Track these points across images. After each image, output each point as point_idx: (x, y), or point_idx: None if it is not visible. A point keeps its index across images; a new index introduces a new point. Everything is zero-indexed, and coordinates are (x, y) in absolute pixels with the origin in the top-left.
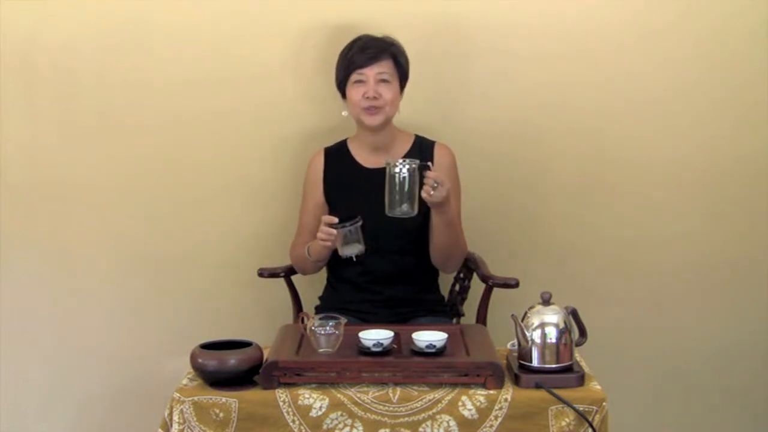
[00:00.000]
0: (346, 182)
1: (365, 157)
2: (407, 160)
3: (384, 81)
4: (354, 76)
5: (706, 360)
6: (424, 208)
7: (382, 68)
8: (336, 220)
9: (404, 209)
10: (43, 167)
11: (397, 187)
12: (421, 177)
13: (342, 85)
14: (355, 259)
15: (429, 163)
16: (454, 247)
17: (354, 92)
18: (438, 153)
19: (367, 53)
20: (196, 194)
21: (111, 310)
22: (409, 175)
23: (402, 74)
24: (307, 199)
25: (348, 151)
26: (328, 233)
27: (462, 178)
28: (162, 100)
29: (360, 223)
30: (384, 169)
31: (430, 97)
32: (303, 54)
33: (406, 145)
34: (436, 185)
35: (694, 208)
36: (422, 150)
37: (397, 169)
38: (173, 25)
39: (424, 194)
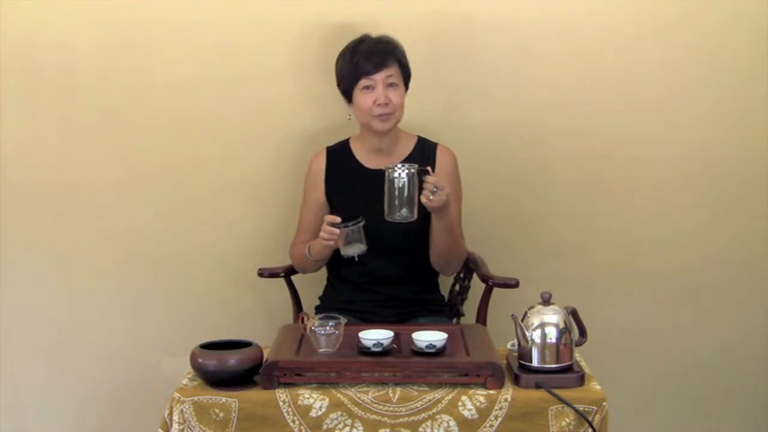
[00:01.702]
0: (348, 182)
1: (367, 158)
2: (406, 165)
3: (392, 85)
4: (362, 82)
5: (706, 360)
6: (425, 210)
7: (390, 72)
8: (339, 219)
9: (404, 214)
10: (43, 167)
11: (396, 192)
12: (421, 181)
13: (348, 90)
14: (357, 259)
15: (428, 168)
16: (453, 251)
17: (363, 99)
18: (440, 156)
19: (374, 59)
20: (196, 194)
21: (111, 310)
22: (408, 180)
23: (406, 76)
24: (308, 198)
25: (350, 151)
26: (330, 232)
27: (463, 177)
28: (162, 100)
29: (362, 223)
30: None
31: (432, 97)
32: (304, 54)
33: (409, 147)
34: (435, 190)
35: (694, 208)
36: (424, 152)
37: (396, 174)
38: (173, 25)
39: (423, 199)
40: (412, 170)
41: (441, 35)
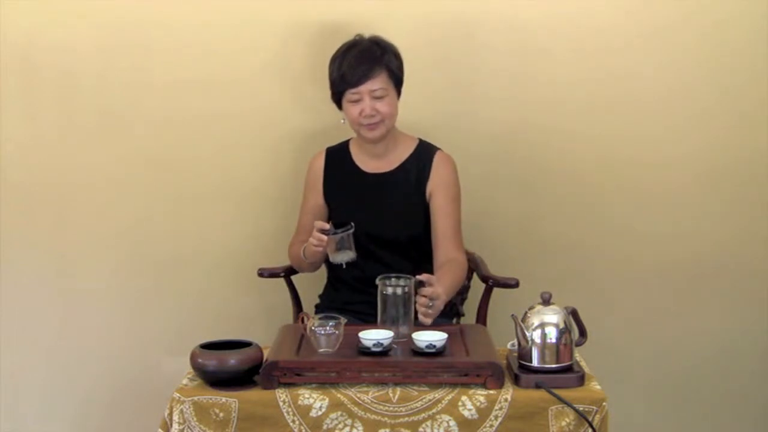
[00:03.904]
0: (345, 185)
1: (365, 161)
2: (401, 280)
3: (379, 97)
4: (348, 95)
5: (706, 360)
6: (425, 210)
7: (376, 84)
8: (327, 226)
9: (402, 332)
10: (43, 167)
11: (389, 306)
12: (417, 292)
13: (337, 99)
14: (344, 266)
15: (423, 278)
16: (457, 287)
17: (351, 109)
18: (437, 162)
19: (359, 70)
20: (196, 194)
21: (111, 310)
22: (404, 296)
23: (397, 81)
24: (306, 199)
25: (349, 153)
26: (319, 239)
27: (463, 177)
28: (162, 100)
29: (351, 231)
30: (384, 174)
31: (432, 96)
32: (304, 54)
33: (408, 151)
34: (431, 304)
35: (694, 208)
36: (422, 157)
37: (389, 291)
38: (173, 25)
39: (420, 318)
40: (406, 288)
41: (441, 35)
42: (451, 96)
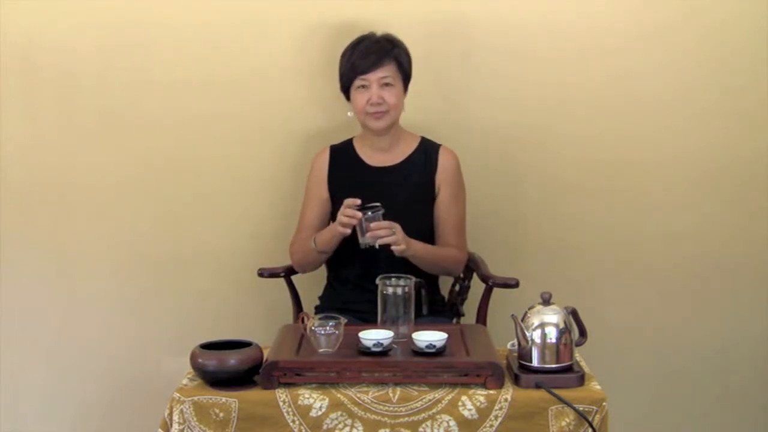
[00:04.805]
0: (351, 179)
1: (370, 155)
2: (401, 280)
3: (387, 85)
4: (357, 82)
5: (706, 360)
6: (426, 210)
7: (385, 72)
8: (359, 201)
9: (401, 332)
10: (43, 167)
11: (390, 306)
12: (417, 292)
13: (346, 88)
14: (378, 246)
15: (421, 280)
16: (440, 265)
17: (358, 97)
18: (442, 157)
19: (369, 58)
20: (197, 194)
21: (111, 310)
22: (404, 296)
23: (405, 75)
24: (310, 196)
25: (353, 148)
26: (352, 215)
27: (463, 177)
28: (162, 100)
29: (382, 212)
30: (389, 167)
31: (432, 97)
32: (304, 54)
33: (411, 147)
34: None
35: (694, 208)
36: (426, 153)
37: (389, 291)
38: (173, 25)
39: (384, 240)
40: (406, 288)
41: (441, 35)
42: (451, 97)
